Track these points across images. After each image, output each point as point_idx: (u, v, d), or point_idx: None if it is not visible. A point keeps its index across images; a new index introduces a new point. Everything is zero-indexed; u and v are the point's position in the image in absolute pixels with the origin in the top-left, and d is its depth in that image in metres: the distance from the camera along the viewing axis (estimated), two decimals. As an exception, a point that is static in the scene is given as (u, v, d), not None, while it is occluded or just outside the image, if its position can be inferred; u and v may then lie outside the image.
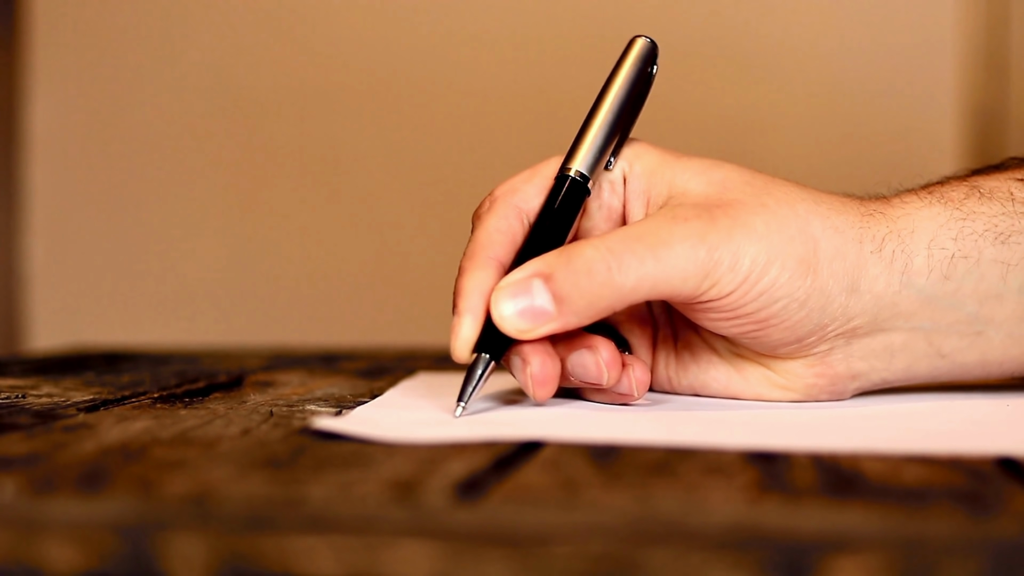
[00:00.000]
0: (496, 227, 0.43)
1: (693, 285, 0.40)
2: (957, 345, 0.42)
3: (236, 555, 0.24)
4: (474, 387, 0.40)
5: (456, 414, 0.40)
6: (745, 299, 0.40)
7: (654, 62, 0.45)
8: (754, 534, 0.24)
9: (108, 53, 1.18)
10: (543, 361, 0.41)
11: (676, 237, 0.40)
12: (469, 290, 0.41)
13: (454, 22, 1.15)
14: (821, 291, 0.41)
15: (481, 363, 0.40)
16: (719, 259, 0.40)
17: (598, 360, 0.41)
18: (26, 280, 1.20)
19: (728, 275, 0.40)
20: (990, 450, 0.33)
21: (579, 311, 0.40)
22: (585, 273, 0.39)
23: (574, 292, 0.39)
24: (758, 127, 1.11)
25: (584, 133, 0.44)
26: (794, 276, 0.40)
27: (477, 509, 0.26)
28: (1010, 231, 0.42)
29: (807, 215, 0.41)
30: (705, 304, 0.41)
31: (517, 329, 0.40)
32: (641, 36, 0.45)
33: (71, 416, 0.40)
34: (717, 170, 0.43)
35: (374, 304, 1.17)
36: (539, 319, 0.40)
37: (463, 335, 0.41)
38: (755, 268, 0.40)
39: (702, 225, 0.40)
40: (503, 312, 0.40)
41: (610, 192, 0.45)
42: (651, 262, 0.39)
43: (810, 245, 0.41)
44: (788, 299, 0.41)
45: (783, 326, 0.41)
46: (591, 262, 0.39)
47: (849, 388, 0.44)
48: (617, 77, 0.44)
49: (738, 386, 0.45)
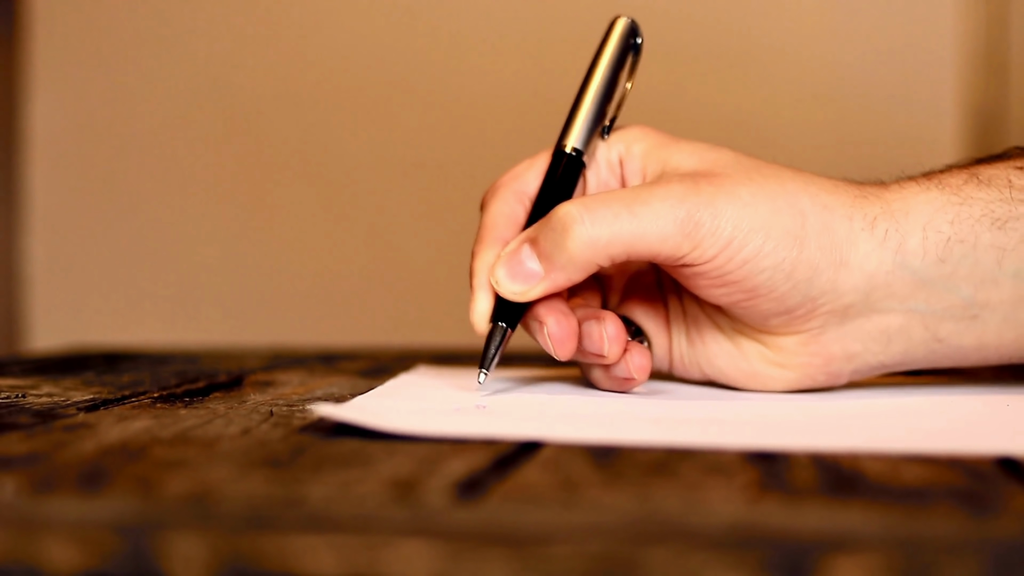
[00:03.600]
0: (499, 211, 0.46)
1: (673, 245, 0.41)
2: (953, 329, 0.43)
3: (236, 555, 0.24)
4: (494, 354, 0.43)
5: (480, 380, 0.43)
6: (730, 266, 0.42)
7: (637, 35, 0.47)
8: (754, 534, 0.24)
9: (108, 53, 1.18)
10: (558, 320, 0.43)
11: (656, 197, 0.42)
12: (479, 269, 0.44)
13: (452, 22, 1.15)
14: (808, 263, 0.42)
15: (498, 332, 0.44)
16: (699, 220, 0.41)
17: (602, 332, 0.43)
18: (26, 280, 1.20)
19: (709, 238, 0.41)
20: (990, 450, 0.33)
21: (563, 267, 0.42)
22: (561, 229, 0.42)
23: (554, 249, 0.42)
24: (758, 127, 1.11)
25: (575, 110, 0.46)
26: (779, 246, 0.41)
27: (477, 509, 0.26)
28: (1007, 217, 0.42)
29: (796, 191, 0.42)
30: (691, 269, 0.42)
31: (512, 292, 0.43)
32: (621, 16, 0.47)
33: (71, 416, 0.40)
34: (711, 151, 0.44)
35: (374, 304, 1.17)
36: (530, 280, 0.43)
37: (479, 309, 0.44)
38: (738, 234, 0.41)
39: (684, 188, 0.42)
40: (499, 278, 0.43)
41: (608, 172, 0.47)
42: (626, 217, 0.41)
43: (798, 219, 0.42)
44: (774, 269, 0.42)
45: (771, 296, 0.42)
46: (565, 217, 0.42)
47: (845, 370, 0.44)
48: (602, 54, 0.47)
49: (738, 362, 0.46)
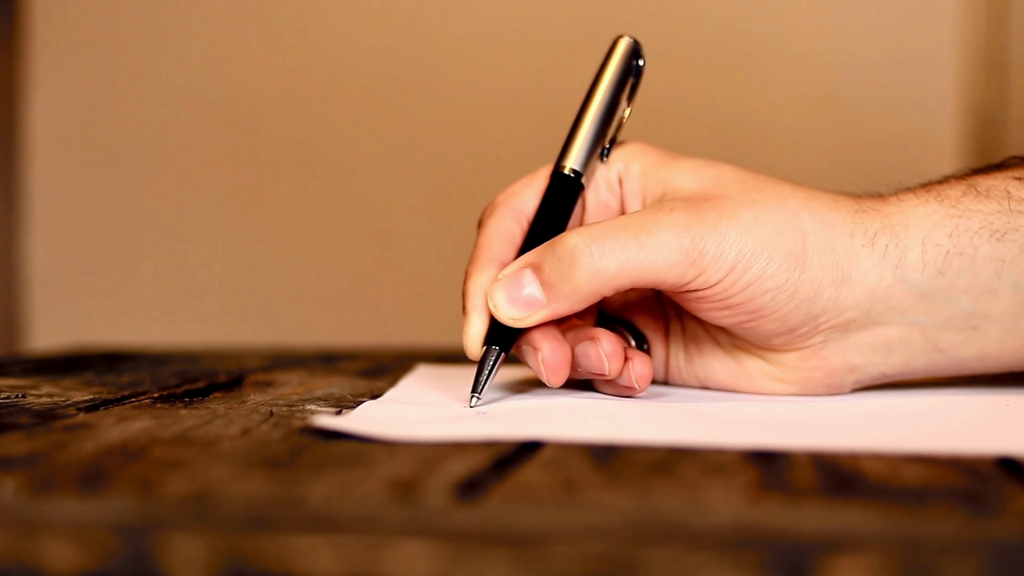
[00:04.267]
0: (496, 230, 0.45)
1: (678, 273, 0.41)
2: (954, 340, 0.43)
3: (236, 555, 0.24)
4: (486, 378, 0.42)
5: (471, 404, 0.42)
6: (733, 289, 0.41)
7: (639, 56, 0.47)
8: (754, 534, 0.24)
9: (108, 53, 1.18)
10: (552, 347, 0.42)
11: (661, 226, 0.41)
12: (474, 291, 0.43)
13: (453, 24, 1.15)
14: (810, 283, 0.42)
15: (492, 355, 0.43)
16: (704, 248, 0.41)
17: (599, 351, 0.43)
18: (26, 280, 1.20)
19: (714, 265, 0.41)
20: (990, 450, 0.33)
21: (566, 296, 0.42)
22: (568, 260, 0.41)
23: (559, 279, 0.41)
24: (758, 128, 1.11)
25: (574, 132, 0.46)
26: (782, 268, 0.41)
27: (477, 509, 0.26)
28: (1005, 228, 0.42)
29: (797, 210, 0.42)
30: (695, 294, 0.42)
31: (511, 317, 0.42)
32: (624, 36, 0.47)
33: (71, 416, 0.40)
34: (711, 169, 0.44)
35: (374, 304, 1.17)
36: (530, 306, 0.42)
37: (472, 332, 0.43)
38: (741, 259, 0.41)
39: (688, 216, 0.41)
40: (497, 302, 0.42)
41: (607, 192, 0.46)
42: (633, 248, 0.41)
43: (799, 238, 0.42)
44: (776, 291, 0.41)
45: (773, 317, 0.42)
46: (573, 249, 0.41)
47: (846, 382, 0.44)
48: (603, 75, 0.46)
49: (738, 378, 0.46)
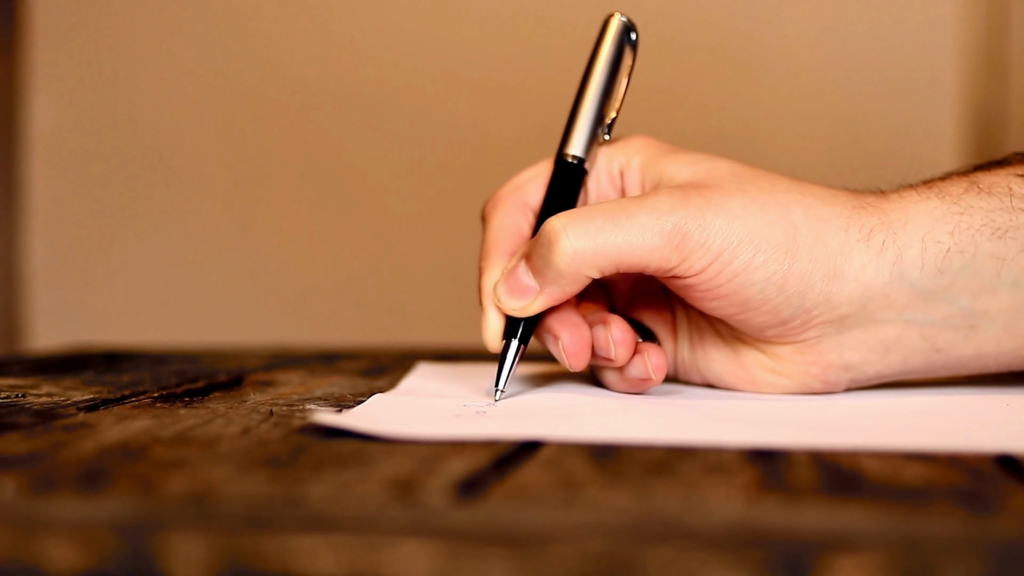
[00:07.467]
0: (503, 225, 0.46)
1: (661, 257, 0.41)
2: (952, 339, 0.42)
3: (236, 555, 0.24)
4: (508, 372, 0.43)
5: (496, 398, 0.43)
6: (720, 279, 0.41)
7: (632, 33, 0.47)
8: (754, 533, 0.24)
9: (108, 53, 1.18)
10: (571, 333, 0.43)
11: (642, 209, 0.41)
12: (488, 286, 0.45)
13: (454, 22, 1.15)
14: (800, 276, 0.41)
15: (511, 349, 0.44)
16: (687, 232, 0.41)
17: (608, 335, 0.43)
18: (26, 280, 1.20)
19: (698, 251, 0.41)
20: (990, 448, 0.33)
21: (554, 280, 0.42)
22: (547, 244, 0.42)
23: (543, 263, 0.42)
24: (758, 126, 1.11)
25: (574, 117, 0.46)
26: (770, 260, 0.41)
27: (477, 509, 0.26)
28: (1007, 226, 0.42)
29: (789, 203, 0.42)
30: (682, 281, 0.42)
31: (512, 308, 0.43)
32: (615, 13, 0.47)
33: (71, 416, 0.40)
34: (707, 162, 0.44)
35: (374, 304, 1.17)
36: (526, 295, 0.43)
37: (490, 327, 0.44)
38: (727, 247, 0.41)
39: (672, 201, 0.42)
40: (500, 295, 0.43)
41: (609, 184, 0.47)
42: (611, 230, 0.41)
43: (789, 231, 0.41)
44: (764, 283, 0.41)
45: (763, 309, 0.42)
46: (551, 232, 0.42)
47: (843, 379, 0.44)
48: (597, 57, 0.47)
49: (737, 370, 0.46)
